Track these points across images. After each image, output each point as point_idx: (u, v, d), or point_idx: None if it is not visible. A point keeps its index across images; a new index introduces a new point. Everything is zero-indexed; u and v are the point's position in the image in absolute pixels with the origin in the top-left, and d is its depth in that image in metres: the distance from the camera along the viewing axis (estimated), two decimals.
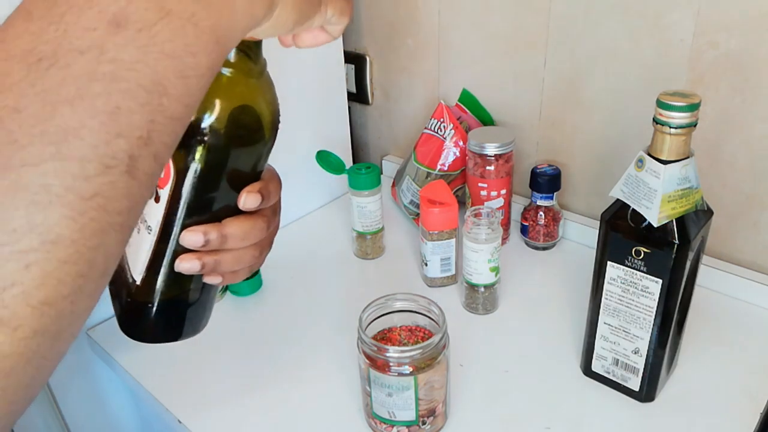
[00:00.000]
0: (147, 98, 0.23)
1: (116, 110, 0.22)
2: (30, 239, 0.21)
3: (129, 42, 0.23)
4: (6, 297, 0.21)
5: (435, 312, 0.57)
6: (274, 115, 0.38)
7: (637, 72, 0.76)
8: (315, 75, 0.93)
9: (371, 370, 0.54)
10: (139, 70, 0.23)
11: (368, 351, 0.54)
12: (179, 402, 0.64)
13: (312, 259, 0.88)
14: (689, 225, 0.52)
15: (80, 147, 0.22)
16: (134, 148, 0.23)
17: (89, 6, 0.22)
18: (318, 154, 0.84)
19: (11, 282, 0.21)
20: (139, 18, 0.23)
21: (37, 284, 0.21)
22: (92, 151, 0.22)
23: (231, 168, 0.37)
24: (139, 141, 0.23)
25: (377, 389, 0.55)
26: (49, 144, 0.21)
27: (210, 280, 0.40)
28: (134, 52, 0.23)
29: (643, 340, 0.57)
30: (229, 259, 0.39)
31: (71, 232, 0.22)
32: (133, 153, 0.23)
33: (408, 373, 0.53)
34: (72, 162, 0.22)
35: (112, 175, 0.22)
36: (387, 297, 0.59)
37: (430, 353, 0.53)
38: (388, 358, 0.53)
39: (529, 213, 0.85)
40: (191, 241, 0.36)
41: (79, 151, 0.22)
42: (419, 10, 0.95)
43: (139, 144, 0.23)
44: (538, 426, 0.60)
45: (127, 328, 0.41)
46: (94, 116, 0.22)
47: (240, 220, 0.38)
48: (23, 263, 0.21)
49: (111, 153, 0.22)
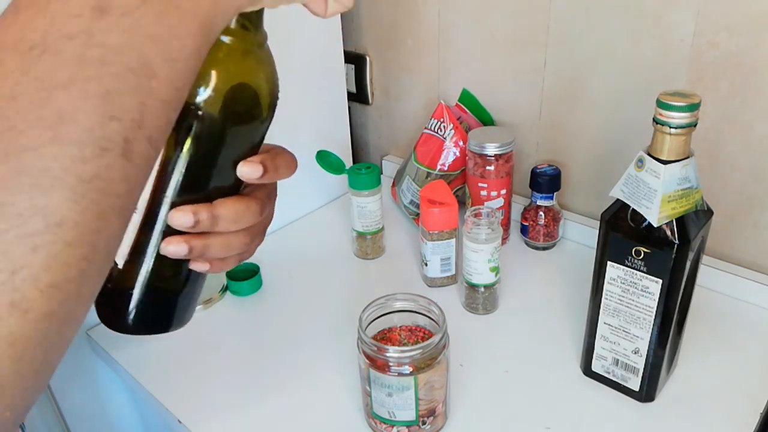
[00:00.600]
0: (136, 81, 0.24)
1: (107, 93, 0.23)
2: (36, 222, 0.21)
3: (113, 26, 0.23)
4: (16, 280, 0.21)
5: (435, 312, 0.57)
6: (272, 90, 0.36)
7: (637, 72, 0.76)
8: (315, 75, 0.93)
9: (371, 370, 0.54)
10: (126, 53, 0.23)
11: (368, 351, 0.54)
12: (179, 402, 0.64)
13: (312, 259, 0.88)
14: (689, 225, 0.52)
15: (76, 130, 0.22)
16: (128, 130, 0.24)
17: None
18: (318, 154, 0.84)
19: (20, 265, 0.21)
20: (122, 3, 0.23)
21: (45, 267, 0.22)
22: (88, 134, 0.22)
23: (226, 143, 0.35)
24: (133, 123, 0.24)
25: (377, 389, 0.55)
26: (46, 128, 0.22)
27: (197, 267, 0.37)
28: (120, 36, 0.23)
29: (643, 340, 0.57)
30: (219, 243, 0.37)
31: (75, 214, 0.22)
32: (127, 135, 0.24)
33: (408, 373, 0.53)
34: (70, 145, 0.22)
35: (109, 157, 0.23)
36: (387, 297, 0.59)
37: (430, 353, 0.53)
38: (388, 358, 0.53)
39: (529, 213, 0.85)
40: (180, 221, 0.34)
41: (75, 134, 0.22)
42: (419, 10, 0.95)
43: (132, 126, 0.24)
44: (538, 426, 0.60)
45: (105, 317, 0.38)
46: (87, 99, 0.23)
47: (233, 200, 0.36)
48: (30, 246, 0.21)
49: (106, 136, 0.23)
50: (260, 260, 0.84)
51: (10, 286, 0.21)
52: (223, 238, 0.37)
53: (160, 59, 0.24)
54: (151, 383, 0.67)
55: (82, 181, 0.22)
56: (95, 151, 0.23)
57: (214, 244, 0.37)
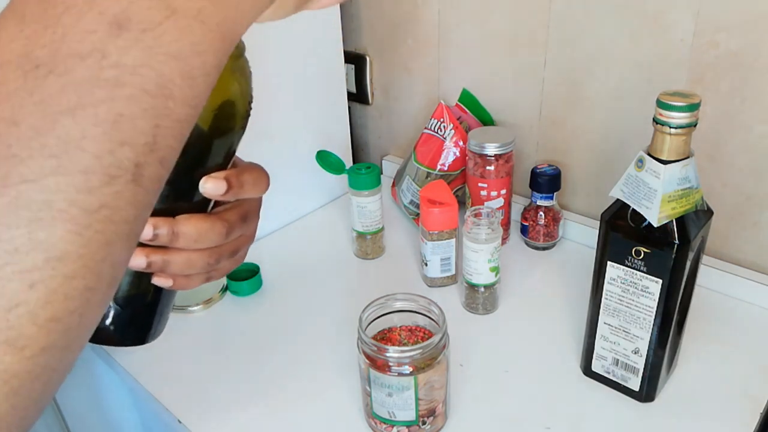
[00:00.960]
0: (152, 103, 0.22)
1: (119, 117, 0.21)
2: (33, 258, 0.20)
3: (132, 44, 0.21)
4: (11, 318, 0.20)
5: (435, 312, 0.57)
6: (249, 102, 0.35)
7: (637, 72, 0.76)
8: (315, 75, 0.93)
9: (371, 370, 0.54)
10: (144, 74, 0.21)
11: (368, 351, 0.54)
12: (179, 402, 0.64)
13: (312, 259, 0.88)
14: (689, 225, 0.52)
15: (83, 159, 0.21)
16: (140, 155, 0.22)
17: (89, 7, 0.21)
18: (318, 154, 0.84)
19: (15, 303, 0.20)
20: (143, 18, 0.21)
21: (43, 303, 0.21)
22: (96, 162, 0.21)
23: (198, 157, 0.33)
24: (145, 147, 0.22)
25: (377, 389, 0.55)
26: (49, 157, 0.20)
27: (159, 282, 0.37)
28: (138, 55, 0.21)
29: (643, 340, 0.57)
30: (180, 260, 0.36)
31: (77, 247, 0.21)
32: (138, 160, 0.22)
33: (408, 373, 0.53)
34: (75, 175, 0.20)
35: (118, 185, 0.21)
36: (387, 297, 0.59)
37: (430, 353, 0.53)
38: (388, 358, 0.53)
39: (529, 213, 0.85)
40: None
41: (82, 164, 0.21)
42: (419, 10, 0.95)
43: (144, 151, 0.22)
44: (538, 426, 0.60)
45: None
46: (97, 124, 0.21)
47: (197, 218, 0.35)
48: (27, 283, 0.20)
49: (116, 162, 0.21)
50: (260, 260, 0.84)
51: (4, 325, 0.20)
52: (185, 255, 0.36)
53: (179, 78, 0.22)
54: (151, 383, 0.67)
55: (88, 212, 0.21)
56: (103, 179, 0.21)
57: (175, 260, 0.36)
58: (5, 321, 0.20)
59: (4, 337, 0.20)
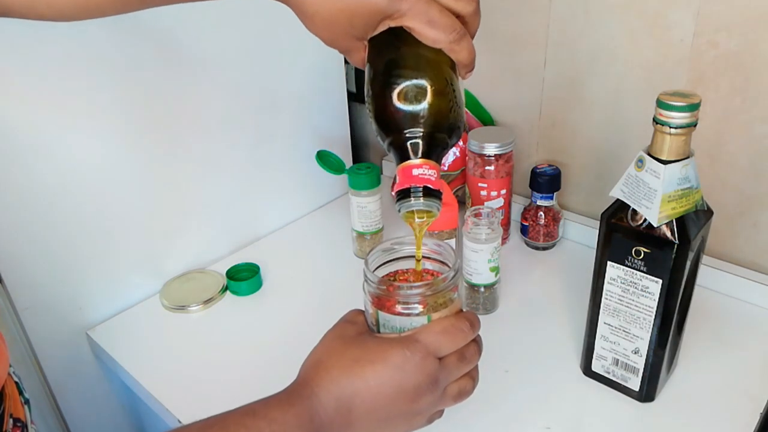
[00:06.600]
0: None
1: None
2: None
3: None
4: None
5: (445, 254, 0.52)
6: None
7: (637, 72, 0.76)
8: (315, 75, 0.93)
9: (380, 313, 0.48)
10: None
11: (375, 291, 0.48)
12: (179, 402, 0.64)
13: (312, 259, 0.88)
14: (689, 225, 0.52)
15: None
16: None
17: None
18: (318, 154, 0.84)
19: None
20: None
21: None
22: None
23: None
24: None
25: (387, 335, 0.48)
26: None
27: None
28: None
29: (643, 340, 0.57)
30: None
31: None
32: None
33: (417, 313, 0.47)
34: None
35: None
36: (394, 241, 0.53)
37: (441, 291, 0.47)
38: (398, 295, 0.47)
39: (529, 213, 0.85)
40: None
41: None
42: None
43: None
44: (538, 426, 0.60)
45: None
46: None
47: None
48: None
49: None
50: (260, 260, 0.84)
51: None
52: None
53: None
54: (151, 383, 0.67)
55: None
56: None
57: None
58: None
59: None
